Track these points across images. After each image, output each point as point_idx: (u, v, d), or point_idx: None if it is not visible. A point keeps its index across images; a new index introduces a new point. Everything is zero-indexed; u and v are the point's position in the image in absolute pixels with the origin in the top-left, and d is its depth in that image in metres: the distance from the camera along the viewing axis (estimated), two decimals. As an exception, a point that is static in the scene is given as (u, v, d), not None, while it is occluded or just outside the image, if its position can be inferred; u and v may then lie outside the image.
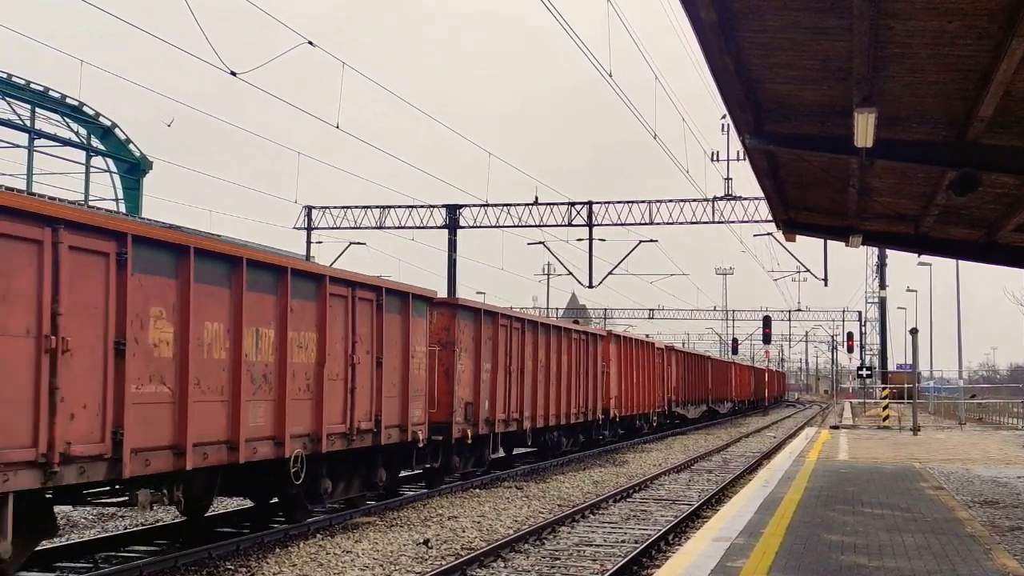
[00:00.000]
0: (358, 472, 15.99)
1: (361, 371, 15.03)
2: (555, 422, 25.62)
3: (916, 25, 8.95)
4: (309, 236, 47.02)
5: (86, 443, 9.80)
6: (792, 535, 11.52)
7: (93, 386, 9.94)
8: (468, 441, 19.94)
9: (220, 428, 11.88)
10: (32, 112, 35.79)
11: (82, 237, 9.85)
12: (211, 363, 11.69)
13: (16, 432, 9.05)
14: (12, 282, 9.05)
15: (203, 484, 12.66)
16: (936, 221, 17.12)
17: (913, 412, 39.01)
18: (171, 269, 11.06)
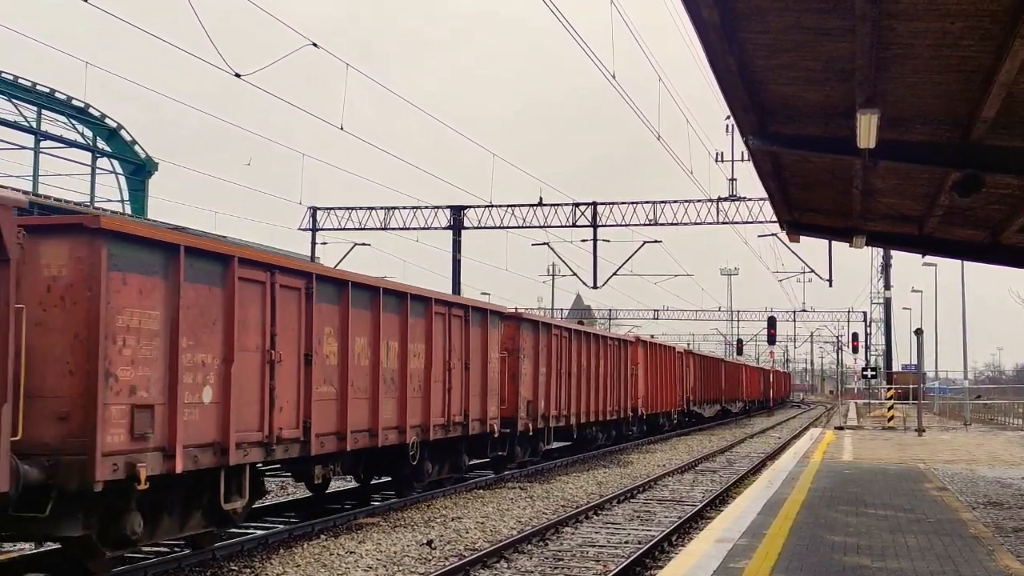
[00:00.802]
0: (448, 457, 19.35)
1: (455, 374, 18.52)
2: (594, 419, 29.01)
3: (919, 26, 8.96)
4: (314, 237, 47.06)
5: (289, 429, 13.19)
6: (795, 536, 11.51)
7: (292, 387, 13.28)
8: (529, 433, 23.41)
9: (365, 420, 15.28)
10: (38, 114, 35.88)
11: (287, 277, 13.19)
12: (359, 369, 15.07)
13: (251, 421, 12.33)
14: (247, 312, 12.27)
15: (349, 463, 16.07)
16: (940, 222, 17.12)
17: (918, 413, 38.96)
18: (336, 298, 14.43)
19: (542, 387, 24.09)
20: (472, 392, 19.23)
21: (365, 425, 15.26)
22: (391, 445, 16.20)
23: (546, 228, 45.32)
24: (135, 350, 10.54)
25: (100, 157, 39.17)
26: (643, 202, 44.19)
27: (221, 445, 11.80)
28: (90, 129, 38.71)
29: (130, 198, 39.54)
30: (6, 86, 34.36)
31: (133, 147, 39.80)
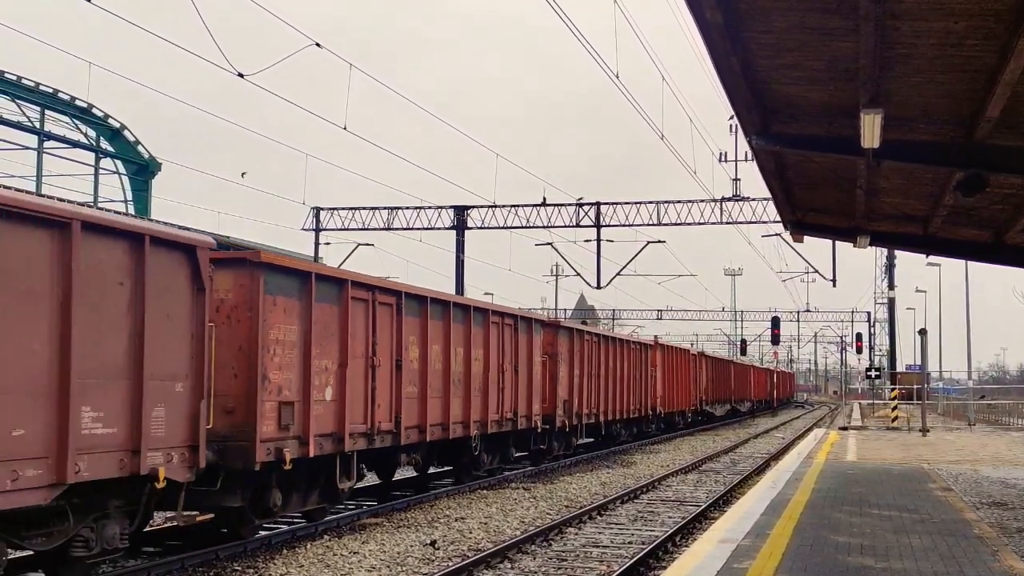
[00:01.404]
0: (499, 449, 22.07)
1: (507, 377, 21.32)
2: (619, 416, 31.82)
3: (922, 26, 8.94)
4: (317, 238, 47.06)
5: (385, 423, 15.89)
6: (799, 536, 11.50)
7: (387, 388, 16.00)
8: (565, 430, 26.21)
9: (439, 415, 18.02)
10: (41, 114, 35.91)
11: (383, 295, 15.94)
12: (435, 372, 17.76)
13: (358, 415, 15.04)
14: (356, 326, 14.95)
15: (425, 453, 18.63)
16: (944, 222, 17.08)
17: (922, 413, 38.91)
18: (417, 312, 17.14)
19: (576, 388, 26.85)
20: (520, 392, 22.14)
21: (439, 420, 18.07)
22: (458, 438, 19.07)
23: (550, 228, 45.32)
24: (281, 358, 13.17)
25: (103, 157, 39.21)
26: (647, 202, 44.16)
27: (338, 435, 14.56)
28: (93, 129, 38.75)
29: (133, 198, 39.57)
30: (9, 86, 34.40)
31: (136, 147, 39.83)
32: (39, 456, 9.11)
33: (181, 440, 11.02)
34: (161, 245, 10.73)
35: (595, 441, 31.62)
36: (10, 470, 8.76)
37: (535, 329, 23.36)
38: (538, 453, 24.95)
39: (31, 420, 9.06)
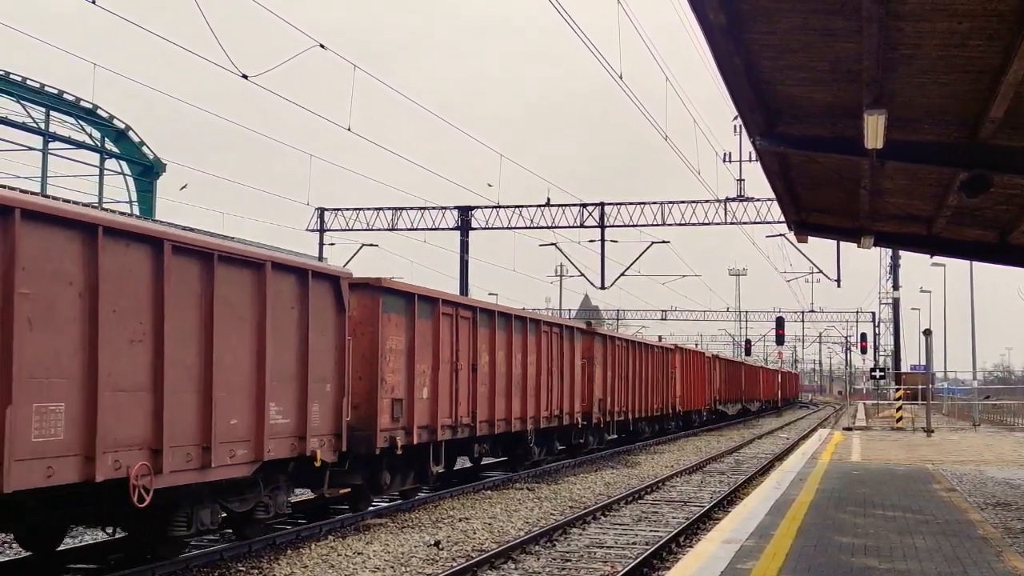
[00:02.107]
0: (546, 442, 24.86)
1: (554, 379, 24.25)
2: (644, 414, 34.60)
3: (926, 27, 8.93)
4: (321, 238, 47.10)
5: (464, 417, 18.90)
6: (803, 537, 11.50)
7: (466, 387, 18.91)
8: (600, 426, 28.98)
9: (503, 412, 20.80)
10: (46, 115, 35.96)
11: (463, 311, 18.98)
12: (500, 375, 20.60)
13: (445, 410, 18.05)
14: (444, 336, 17.97)
15: (491, 444, 21.54)
16: (949, 222, 17.07)
17: (926, 413, 38.87)
18: (487, 323, 20.16)
19: (608, 388, 29.66)
20: (564, 392, 25.10)
21: (503, 416, 20.91)
22: (517, 431, 21.90)
23: (554, 228, 45.31)
24: (393, 363, 16.17)
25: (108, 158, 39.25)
26: (651, 202, 44.16)
27: (431, 427, 17.51)
28: (98, 130, 38.79)
29: (138, 199, 39.60)
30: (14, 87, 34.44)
31: (141, 148, 39.87)
32: (245, 439, 11.99)
33: (329, 430, 13.84)
34: (318, 277, 13.56)
35: (622, 436, 33.61)
36: (228, 450, 11.65)
37: (575, 336, 26.38)
38: (576, 447, 27.54)
39: (240, 412, 11.89)
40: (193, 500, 11.74)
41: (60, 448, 9.36)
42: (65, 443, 9.41)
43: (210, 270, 11.40)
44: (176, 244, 10.91)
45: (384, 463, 16.18)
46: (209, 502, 12.07)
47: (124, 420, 10.13)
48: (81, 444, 9.60)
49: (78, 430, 9.56)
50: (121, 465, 10.06)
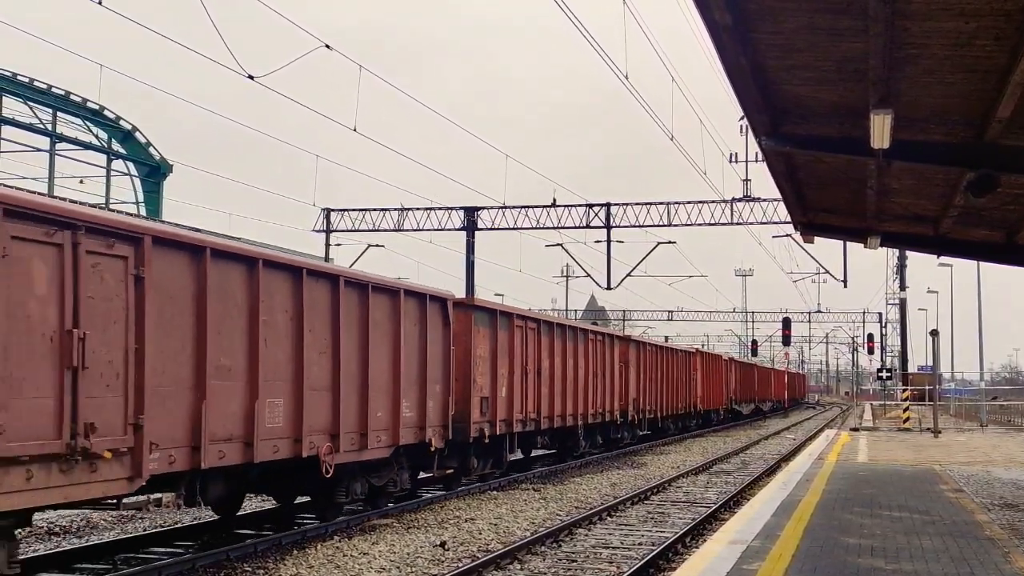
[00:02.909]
0: (591, 437, 28.19)
1: (598, 380, 27.77)
2: (670, 413, 38.06)
3: (932, 26, 8.91)
4: (328, 239, 47.10)
5: (531, 413, 22.47)
6: (809, 538, 11.48)
7: (532, 388, 22.50)
8: (634, 423, 32.39)
9: (560, 409, 24.58)
10: (54, 116, 36.04)
11: (530, 323, 22.58)
12: (557, 377, 24.25)
13: (518, 407, 21.35)
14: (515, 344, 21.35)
15: (548, 437, 25.39)
16: (955, 222, 17.02)
17: (934, 414, 38.78)
18: (548, 333, 23.82)
19: (641, 389, 33.11)
20: (606, 393, 28.54)
21: (560, 413, 24.39)
22: (570, 426, 25.48)
23: (559, 229, 45.26)
24: (480, 368, 19.74)
25: (115, 159, 39.32)
26: (657, 203, 44.10)
27: (508, 420, 21.04)
28: (105, 131, 38.86)
29: (145, 200, 39.67)
30: (22, 89, 34.52)
31: (148, 149, 39.93)
32: (386, 429, 15.48)
33: (439, 422, 17.41)
34: (432, 299, 17.22)
35: (650, 433, 36.02)
36: (376, 436, 15.11)
37: (615, 343, 30.13)
38: (614, 441, 30.84)
39: (383, 408, 15.40)
40: (350, 475, 15.10)
41: (280, 432, 12.89)
42: (283, 428, 12.93)
43: (365, 298, 14.92)
44: (346, 279, 14.48)
45: (472, 450, 19.76)
46: (360, 477, 15.54)
47: (316, 412, 13.60)
48: (292, 429, 13.12)
49: (290, 419, 13.08)
50: (315, 446, 13.52)
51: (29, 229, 9.24)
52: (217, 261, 11.71)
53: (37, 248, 9.36)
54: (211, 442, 11.53)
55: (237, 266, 12.15)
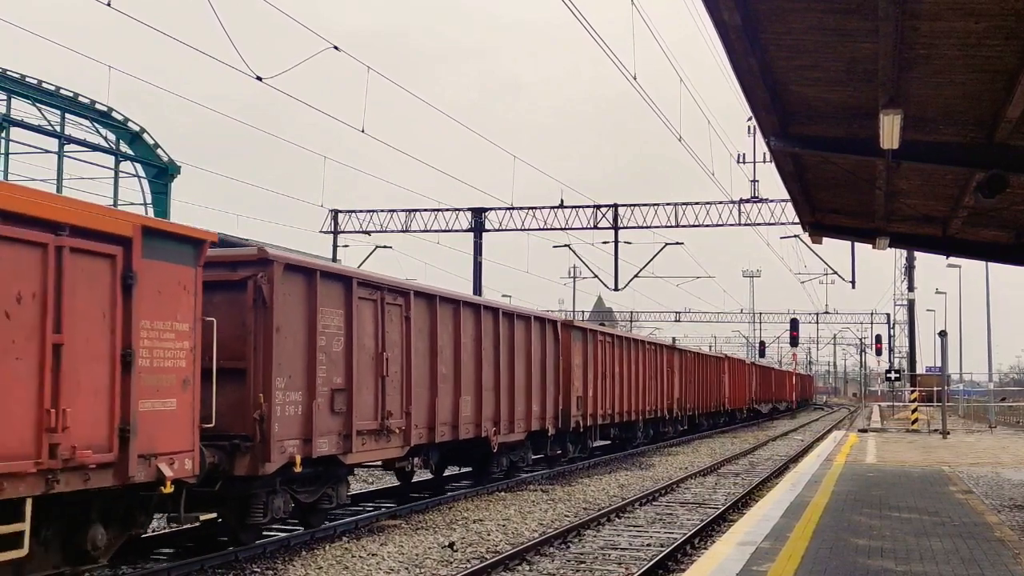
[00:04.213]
0: (646, 430, 33.75)
1: (654, 383, 33.71)
2: (704, 411, 43.94)
3: (942, 26, 8.89)
4: (335, 240, 47.12)
5: (609, 409, 28.39)
6: (818, 539, 11.46)
7: (610, 389, 28.41)
8: (677, 419, 38.32)
9: (626, 407, 30.46)
10: (62, 118, 36.11)
11: (608, 337, 28.68)
12: (627, 380, 30.12)
13: (598, 405, 27.25)
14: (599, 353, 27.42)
15: (619, 428, 30.79)
16: (965, 223, 16.99)
17: (942, 415, 38.69)
18: (618, 344, 29.40)
19: (682, 390, 38.47)
20: (657, 393, 34.36)
21: (625, 409, 30.30)
22: (633, 420, 31.42)
23: (567, 230, 45.23)
24: (575, 374, 25.22)
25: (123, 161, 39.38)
26: (664, 204, 44.03)
27: (593, 415, 26.64)
28: (113, 133, 38.92)
29: (153, 201, 39.71)
30: (30, 90, 34.60)
31: (155, 150, 40.00)
32: (522, 418, 21.52)
33: (552, 415, 23.45)
34: (548, 322, 23.59)
35: (686, 428, 41.15)
36: (517, 424, 21.28)
37: (663, 351, 35.83)
38: (661, 434, 36.21)
39: (521, 403, 21.39)
40: (499, 452, 20.58)
41: (470, 419, 18.87)
42: (471, 417, 18.95)
43: (511, 323, 21.05)
44: (504, 311, 20.73)
45: (568, 438, 25.50)
46: (507, 453, 21.32)
47: (488, 406, 19.63)
48: (476, 418, 19.17)
49: (474, 411, 19.13)
50: (486, 430, 19.48)
51: (361, 291, 15.05)
52: (440, 304, 17.66)
53: (368, 304, 15.20)
54: (440, 425, 17.51)
55: (449, 306, 18.15)
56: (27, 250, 8.86)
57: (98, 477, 9.52)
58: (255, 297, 12.74)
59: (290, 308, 13.18)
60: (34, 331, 8.88)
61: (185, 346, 10.63)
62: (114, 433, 9.66)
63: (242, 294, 12.72)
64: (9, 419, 8.61)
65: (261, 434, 12.48)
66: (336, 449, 14.17)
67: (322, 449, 13.70)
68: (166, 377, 10.34)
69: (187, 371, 10.64)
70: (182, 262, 10.67)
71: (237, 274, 12.75)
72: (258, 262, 12.84)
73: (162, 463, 10.20)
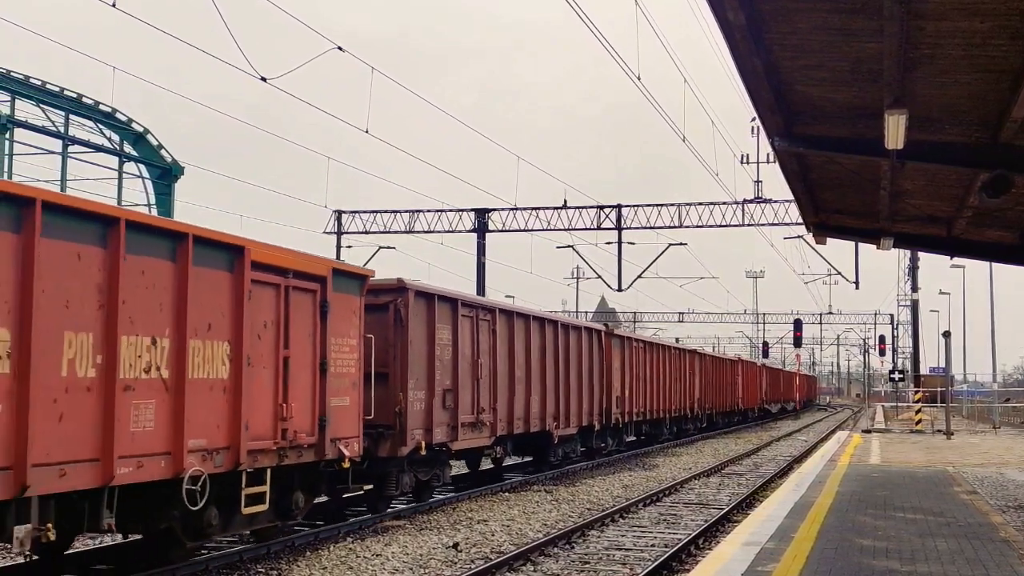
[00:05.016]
0: (671, 426, 37.51)
1: (676, 384, 36.90)
2: (721, 410, 47.72)
3: (947, 26, 8.88)
4: (339, 240, 47.13)
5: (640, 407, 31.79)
6: (823, 539, 11.44)
7: (641, 390, 31.78)
8: (697, 418, 41.81)
9: (677, 405, 37.17)
10: (66, 119, 36.14)
11: (639, 343, 32.09)
12: (655, 382, 33.62)
13: (634, 404, 30.77)
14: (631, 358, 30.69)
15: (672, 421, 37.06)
16: (969, 223, 16.97)
17: (946, 416, 38.65)
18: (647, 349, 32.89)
19: (701, 391, 42.02)
20: (681, 393, 37.91)
21: (654, 408, 33.64)
22: (659, 418, 34.65)
23: (570, 231, 45.23)
24: (615, 376, 28.37)
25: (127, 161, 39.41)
26: (668, 204, 44.04)
27: (629, 413, 29.95)
28: (117, 134, 38.96)
29: (156, 202, 39.74)
30: (34, 91, 34.64)
31: (159, 151, 40.02)
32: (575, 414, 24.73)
33: (597, 412, 26.64)
34: (594, 332, 26.89)
35: (705, 426, 44.66)
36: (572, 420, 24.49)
37: (685, 354, 39.58)
38: (683, 431, 39.77)
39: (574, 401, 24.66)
40: (557, 443, 23.92)
41: (537, 415, 22.27)
42: (538, 413, 22.27)
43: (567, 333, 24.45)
44: (562, 324, 24.41)
45: (608, 433, 28.53)
46: (562, 445, 24.37)
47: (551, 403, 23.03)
48: (541, 414, 22.47)
49: (540, 407, 22.41)
50: (549, 424, 22.87)
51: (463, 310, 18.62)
52: (516, 318, 21.19)
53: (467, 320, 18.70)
54: (515, 419, 20.76)
55: (522, 320, 21.61)
56: (270, 290, 12.24)
57: (306, 454, 12.91)
58: (395, 317, 16.17)
59: (417, 326, 16.65)
60: (273, 348, 12.18)
61: (355, 356, 14.08)
62: (315, 422, 13.01)
63: (385, 315, 16.06)
64: (262, 411, 11.90)
65: (400, 424, 15.99)
66: (446, 437, 17.67)
67: (438, 437, 17.26)
68: (344, 380, 13.73)
69: (356, 375, 14.11)
70: (352, 292, 14.12)
71: (380, 299, 15.96)
72: (396, 290, 16.28)
73: (342, 445, 13.62)
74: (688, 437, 40.06)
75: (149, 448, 10.13)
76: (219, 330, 11.19)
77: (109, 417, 9.58)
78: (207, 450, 10.97)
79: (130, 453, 9.86)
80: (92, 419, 9.45)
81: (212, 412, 11.04)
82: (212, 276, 11.11)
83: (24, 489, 8.72)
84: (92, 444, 9.45)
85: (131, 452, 9.87)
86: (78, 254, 9.34)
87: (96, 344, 9.53)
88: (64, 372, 9.16)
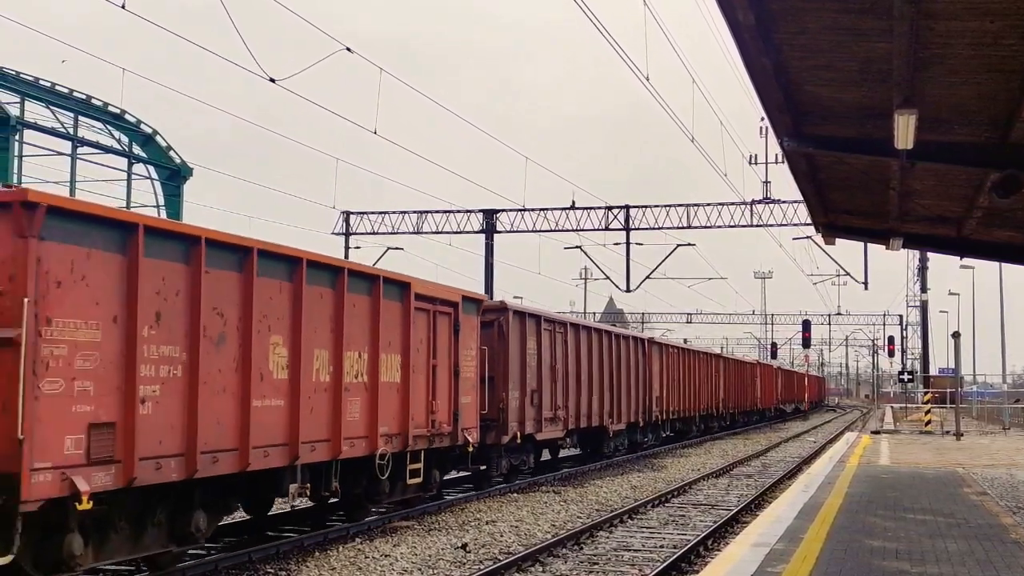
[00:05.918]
0: (702, 423, 41.74)
1: (703, 385, 40.28)
2: (741, 409, 51.69)
3: (957, 26, 8.86)
4: (347, 241, 47.16)
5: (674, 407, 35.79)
6: (833, 540, 11.42)
7: (674, 391, 35.67)
8: (722, 416, 46.07)
9: (706, 405, 41.67)
10: (75, 120, 36.21)
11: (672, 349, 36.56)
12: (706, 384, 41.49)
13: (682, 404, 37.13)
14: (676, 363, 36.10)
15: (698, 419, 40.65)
16: (978, 224, 16.92)
17: (956, 417, 38.55)
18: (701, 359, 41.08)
19: (724, 392, 45.90)
20: (707, 394, 41.38)
21: (685, 407, 36.88)
22: (688, 417, 37.89)
23: (579, 231, 45.19)
24: (655, 378, 32.49)
25: (136, 163, 39.47)
26: (676, 205, 43.96)
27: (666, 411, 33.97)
28: (126, 135, 39.03)
29: (165, 203, 39.80)
30: (44, 93, 34.73)
31: (168, 153, 40.10)
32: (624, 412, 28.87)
33: (640, 410, 30.11)
34: (640, 339, 30.83)
35: (728, 424, 48.67)
36: (623, 416, 28.72)
37: (711, 358, 43.15)
38: (712, 427, 44.06)
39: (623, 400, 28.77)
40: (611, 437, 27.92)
41: (595, 412, 25.91)
42: (596, 411, 26.09)
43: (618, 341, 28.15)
44: (615, 334, 27.59)
45: (648, 429, 32.18)
46: (614, 438, 28.14)
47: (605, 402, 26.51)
48: (599, 411, 26.19)
49: (599, 405, 26.23)
50: (603, 420, 26.32)
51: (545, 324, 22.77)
52: (581, 330, 25.24)
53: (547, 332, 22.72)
54: (581, 416, 24.70)
55: (584, 331, 25.40)
56: (424, 315, 15.86)
57: (446, 440, 16.69)
58: (498, 332, 20.24)
59: (514, 339, 20.83)
60: (426, 358, 15.87)
61: (474, 364, 17.85)
62: (451, 415, 16.77)
63: (491, 330, 19.95)
64: (419, 406, 15.59)
65: (502, 418, 20.04)
66: (533, 430, 21.76)
67: (528, 429, 21.35)
68: (468, 383, 17.45)
69: (475, 379, 17.85)
70: (472, 313, 17.80)
71: (488, 317, 19.60)
72: (500, 309, 20.54)
73: (467, 434, 17.32)
74: (714, 434, 44.58)
75: (357, 432, 13.76)
76: (394, 346, 14.83)
77: (337, 410, 13.18)
78: (389, 435, 14.67)
79: (347, 436, 13.40)
80: (327, 412, 13.03)
81: (391, 407, 14.72)
82: (391, 306, 14.78)
83: (295, 459, 12.29)
84: (328, 429, 13.05)
85: (348, 435, 13.43)
86: (320, 295, 12.96)
87: (330, 357, 13.16)
88: (313, 378, 12.75)
